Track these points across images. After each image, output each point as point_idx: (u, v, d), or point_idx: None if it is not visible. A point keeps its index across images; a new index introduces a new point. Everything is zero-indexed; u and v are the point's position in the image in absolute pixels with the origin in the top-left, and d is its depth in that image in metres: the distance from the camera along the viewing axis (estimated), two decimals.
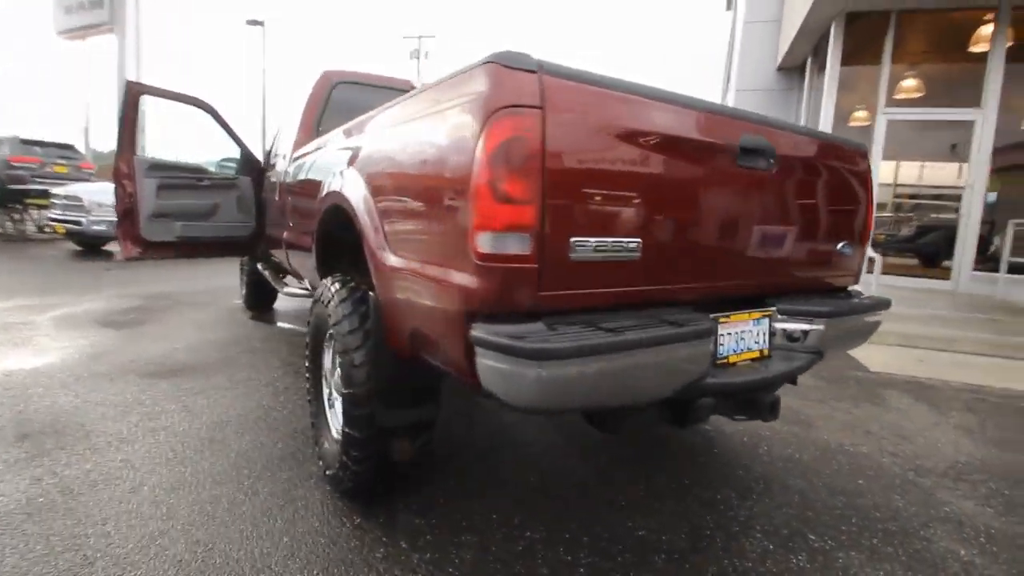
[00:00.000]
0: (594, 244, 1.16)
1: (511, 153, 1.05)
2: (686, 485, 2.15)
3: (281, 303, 5.44)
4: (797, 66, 8.16)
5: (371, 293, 1.58)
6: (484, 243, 1.08)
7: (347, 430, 1.68)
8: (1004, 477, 2.36)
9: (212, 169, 4.74)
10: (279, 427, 2.52)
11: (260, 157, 4.58)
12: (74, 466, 2.07)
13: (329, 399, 2.14)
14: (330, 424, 2.08)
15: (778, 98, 8.34)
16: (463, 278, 1.13)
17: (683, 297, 1.44)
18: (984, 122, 5.69)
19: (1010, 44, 5.51)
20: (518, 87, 1.06)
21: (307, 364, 2.23)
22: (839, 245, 1.85)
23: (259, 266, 4.67)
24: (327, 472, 1.91)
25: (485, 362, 1.09)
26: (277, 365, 3.48)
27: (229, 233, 4.49)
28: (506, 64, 1.08)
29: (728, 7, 17.04)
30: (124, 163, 3.96)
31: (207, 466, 2.12)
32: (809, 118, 7.53)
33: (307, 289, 3.40)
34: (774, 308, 1.63)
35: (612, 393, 1.14)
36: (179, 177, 4.35)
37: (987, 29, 5.62)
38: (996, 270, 5.91)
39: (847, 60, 6.20)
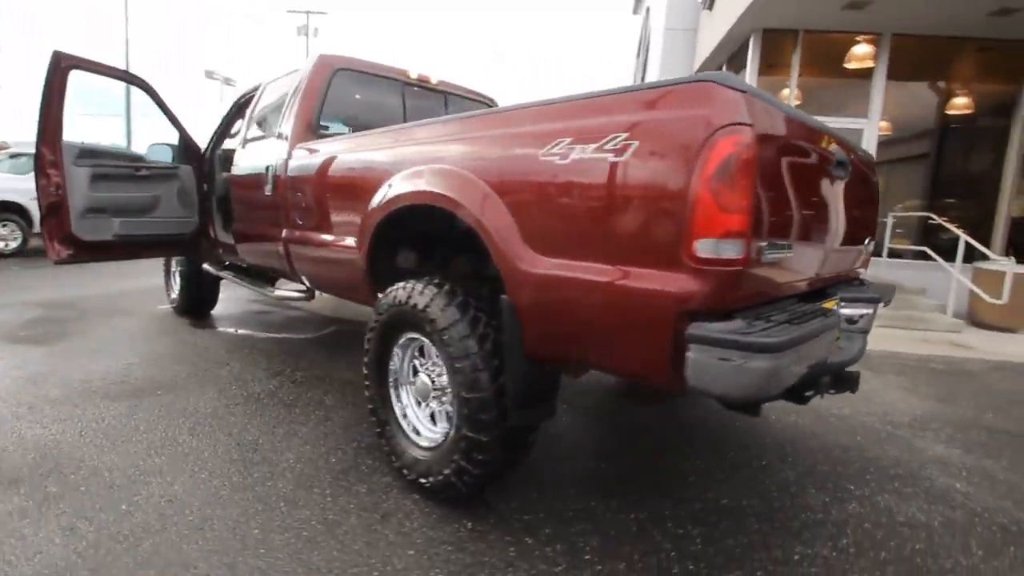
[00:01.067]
0: (777, 247, 1.30)
1: (734, 166, 1.14)
2: (731, 457, 2.39)
3: (220, 307, 4.90)
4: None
5: (504, 297, 1.57)
6: (704, 248, 1.16)
7: (470, 434, 1.65)
8: (952, 424, 2.93)
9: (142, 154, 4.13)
10: (318, 441, 2.36)
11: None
12: (106, 509, 1.78)
13: (400, 405, 2.06)
14: (407, 432, 2.01)
15: None
16: (674, 281, 1.20)
17: (798, 290, 1.63)
18: (869, 129, 6.79)
19: (889, 64, 6.61)
20: (737, 106, 1.15)
21: (366, 371, 2.12)
22: (866, 240, 2.18)
23: (208, 267, 4.20)
24: (424, 480, 1.85)
25: (701, 358, 1.17)
26: (264, 376, 3.20)
27: (171, 230, 3.99)
28: (725, 84, 1.16)
29: (635, 11, 18.17)
30: (48, 149, 3.33)
31: (267, 490, 1.93)
32: None
33: (301, 291, 3.15)
34: (838, 296, 1.90)
35: (792, 377, 1.29)
36: (114, 166, 3.76)
37: (871, 50, 6.70)
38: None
39: (762, 71, 7.01)
